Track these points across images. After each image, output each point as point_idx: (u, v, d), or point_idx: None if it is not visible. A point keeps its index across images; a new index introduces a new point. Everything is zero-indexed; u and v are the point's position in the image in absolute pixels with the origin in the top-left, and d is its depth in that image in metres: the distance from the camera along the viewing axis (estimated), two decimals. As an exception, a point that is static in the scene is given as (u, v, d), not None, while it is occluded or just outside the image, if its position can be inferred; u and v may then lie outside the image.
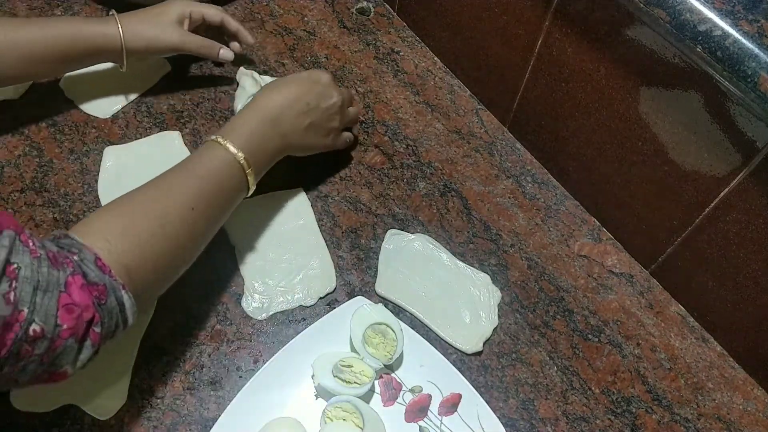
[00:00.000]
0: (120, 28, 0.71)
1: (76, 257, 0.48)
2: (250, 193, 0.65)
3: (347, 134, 0.76)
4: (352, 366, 0.61)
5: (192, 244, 0.59)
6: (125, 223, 0.53)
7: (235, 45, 0.83)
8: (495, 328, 0.68)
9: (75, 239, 0.49)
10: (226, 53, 0.79)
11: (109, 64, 0.84)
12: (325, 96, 0.69)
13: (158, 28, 0.74)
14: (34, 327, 0.43)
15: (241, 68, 0.82)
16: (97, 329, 0.47)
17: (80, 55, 0.71)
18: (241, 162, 0.61)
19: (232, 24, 0.81)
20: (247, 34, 0.82)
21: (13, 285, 0.42)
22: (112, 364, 0.63)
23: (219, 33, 0.82)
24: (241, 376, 0.63)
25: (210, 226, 0.61)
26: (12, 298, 0.42)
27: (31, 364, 0.44)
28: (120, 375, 0.62)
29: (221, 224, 0.63)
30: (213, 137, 0.62)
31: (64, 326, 0.45)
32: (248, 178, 0.63)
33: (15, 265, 0.43)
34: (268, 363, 0.62)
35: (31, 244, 0.45)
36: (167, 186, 0.58)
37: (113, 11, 0.73)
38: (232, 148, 0.61)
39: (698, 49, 0.53)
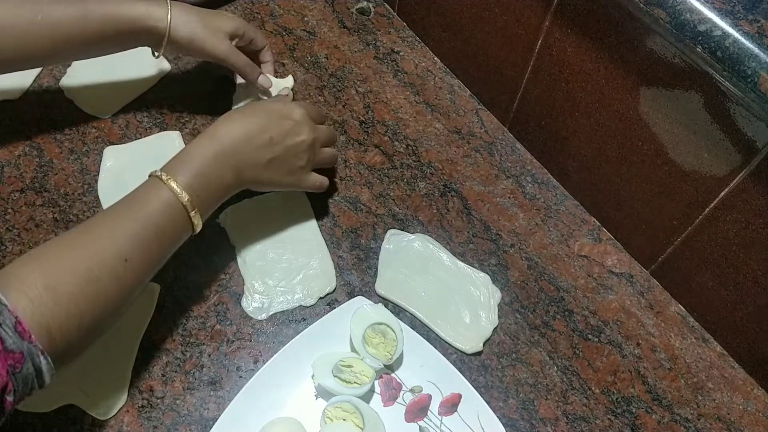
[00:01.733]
0: (169, 12, 0.68)
1: None
2: (197, 232, 0.60)
3: (318, 177, 0.70)
4: (352, 366, 0.61)
5: (122, 299, 0.53)
6: (50, 277, 0.49)
7: (266, 80, 0.78)
8: (495, 328, 0.68)
9: None
10: (264, 80, 0.76)
11: (108, 64, 0.83)
12: (292, 133, 0.65)
13: (209, 31, 0.71)
14: None
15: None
16: (10, 398, 0.44)
17: (120, 34, 0.68)
18: (185, 203, 0.57)
19: (268, 55, 0.79)
20: (272, 71, 0.79)
21: None
22: (112, 364, 0.63)
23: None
24: (241, 376, 0.63)
25: (144, 277, 0.56)
26: None
27: None
28: (120, 375, 0.62)
29: (158, 270, 0.58)
30: (157, 172, 0.58)
31: None
32: (192, 220, 0.58)
33: None
34: (268, 363, 0.62)
35: None
36: (100, 233, 0.53)
37: None
38: (175, 187, 0.56)
39: (698, 49, 0.53)
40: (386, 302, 0.69)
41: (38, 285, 0.48)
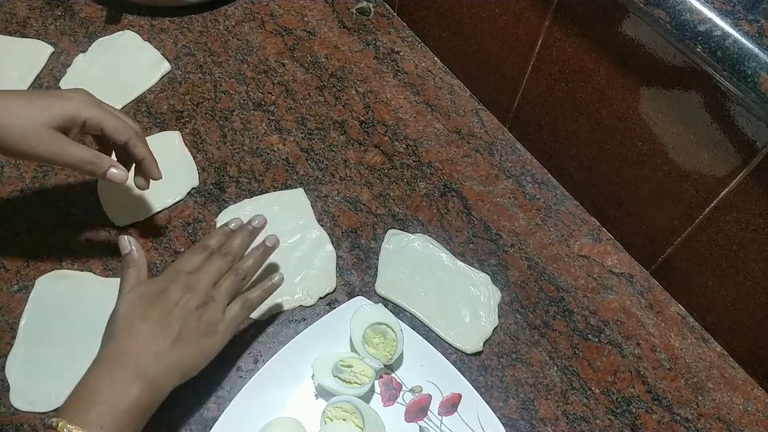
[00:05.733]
0: None
1: None
2: None
3: (235, 308, 0.59)
4: (352, 366, 0.61)
5: None
6: None
7: (140, 181, 0.65)
8: (495, 328, 0.68)
9: None
10: (116, 174, 0.60)
11: (109, 64, 0.84)
12: (172, 301, 0.56)
13: (24, 131, 0.55)
14: None
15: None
16: None
17: None
18: None
19: (140, 150, 0.62)
20: (155, 167, 0.64)
21: None
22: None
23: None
24: (241, 376, 0.63)
25: None
26: None
27: None
28: (120, 375, 0.62)
29: None
30: (54, 421, 0.48)
31: None
32: None
33: None
34: (268, 363, 0.62)
35: None
36: None
37: None
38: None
39: (698, 49, 0.53)
40: (386, 302, 0.69)
41: None
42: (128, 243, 0.59)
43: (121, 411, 0.50)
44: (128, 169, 0.62)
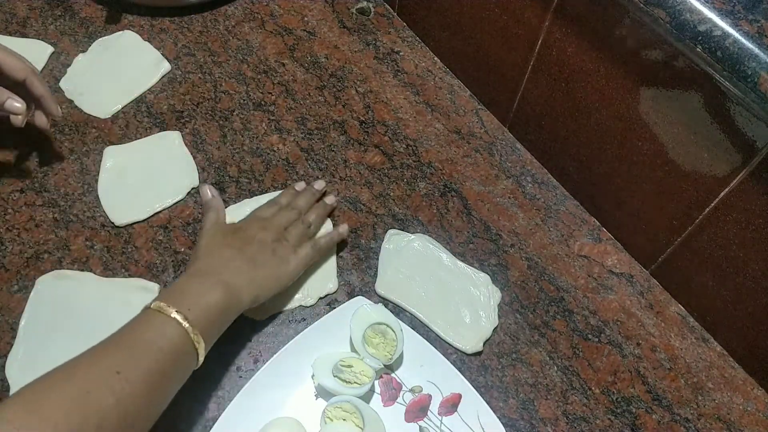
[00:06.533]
0: None
1: None
2: (199, 365, 0.56)
3: (326, 238, 0.69)
4: (352, 366, 0.61)
5: (122, 414, 0.48)
6: (31, 402, 0.46)
7: (40, 118, 0.70)
8: (495, 328, 0.68)
9: None
10: (14, 105, 0.64)
11: (109, 64, 0.84)
12: (249, 237, 0.64)
13: None
14: None
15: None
16: None
17: None
18: (180, 321, 0.53)
19: (37, 88, 0.67)
20: (53, 104, 0.68)
21: None
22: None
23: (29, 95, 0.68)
24: (241, 376, 0.63)
25: (144, 393, 0.51)
26: None
27: None
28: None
29: (163, 396, 0.54)
30: (151, 304, 0.55)
31: None
32: (192, 337, 0.54)
33: None
34: (268, 363, 0.62)
35: None
36: (87, 357, 0.50)
37: None
38: (171, 312, 0.54)
39: (698, 49, 0.53)
40: (386, 302, 0.69)
41: (19, 411, 0.45)
42: (208, 190, 0.70)
43: (206, 303, 0.56)
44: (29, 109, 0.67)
